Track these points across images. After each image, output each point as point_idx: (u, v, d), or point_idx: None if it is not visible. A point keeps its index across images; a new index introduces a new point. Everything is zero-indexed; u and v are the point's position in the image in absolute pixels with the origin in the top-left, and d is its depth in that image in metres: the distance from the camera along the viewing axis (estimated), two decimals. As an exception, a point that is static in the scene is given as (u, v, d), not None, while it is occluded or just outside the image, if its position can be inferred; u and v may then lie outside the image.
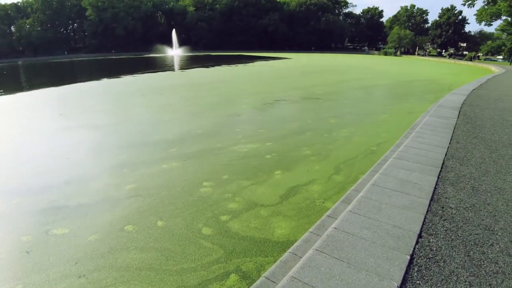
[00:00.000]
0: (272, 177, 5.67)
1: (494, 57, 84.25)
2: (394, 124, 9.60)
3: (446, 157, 5.07)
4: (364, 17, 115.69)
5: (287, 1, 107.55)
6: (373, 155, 6.70)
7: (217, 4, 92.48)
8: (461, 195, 3.80)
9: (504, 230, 3.14)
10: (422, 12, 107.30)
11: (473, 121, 7.96)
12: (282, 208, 4.61)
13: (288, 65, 38.66)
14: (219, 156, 6.78)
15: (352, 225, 3.05)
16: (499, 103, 11.09)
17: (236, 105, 12.75)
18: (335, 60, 51.08)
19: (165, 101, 13.54)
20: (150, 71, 29.32)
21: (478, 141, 6.18)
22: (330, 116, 10.70)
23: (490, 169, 4.69)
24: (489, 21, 58.51)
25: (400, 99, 14.88)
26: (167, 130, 9.01)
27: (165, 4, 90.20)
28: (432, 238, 2.95)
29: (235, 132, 8.69)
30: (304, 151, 7.11)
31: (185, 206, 4.64)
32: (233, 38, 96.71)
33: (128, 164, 6.37)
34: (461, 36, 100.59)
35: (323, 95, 15.35)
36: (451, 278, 2.47)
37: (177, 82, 21.55)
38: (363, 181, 4.45)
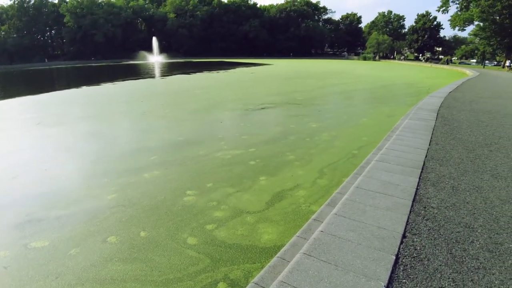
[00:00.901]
0: (257, 183, 5.66)
1: (468, 61, 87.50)
2: (375, 127, 9.80)
3: (426, 159, 5.20)
4: (343, 23, 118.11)
5: (268, 8, 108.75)
6: (355, 159, 6.81)
7: (197, 11, 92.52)
8: (442, 195, 3.90)
9: (483, 227, 3.24)
10: (399, 18, 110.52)
11: (451, 122, 8.22)
12: (268, 213, 4.60)
13: (269, 71, 38.93)
14: (202, 163, 6.71)
15: (338, 228, 3.08)
16: (474, 105, 11.49)
17: (218, 112, 12.72)
18: (315, 65, 51.79)
19: (145, 108, 13.37)
20: (131, 78, 28.95)
21: (456, 142, 6.37)
22: (312, 121, 10.81)
23: (468, 169, 4.84)
24: (462, 26, 60.90)
25: (379, 103, 15.20)
26: (148, 138, 8.89)
27: (145, 11, 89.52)
28: (415, 237, 3.01)
29: (218, 138, 8.65)
30: (287, 156, 7.14)
31: (169, 216, 4.57)
32: (214, 44, 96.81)
33: (108, 173, 6.23)
34: (437, 41, 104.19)
35: (304, 100, 15.52)
36: (435, 275, 2.52)
37: (158, 89, 21.35)
38: (347, 184, 4.51)
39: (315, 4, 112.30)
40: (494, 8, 52.85)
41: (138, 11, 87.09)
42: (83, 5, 75.32)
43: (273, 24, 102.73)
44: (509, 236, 3.10)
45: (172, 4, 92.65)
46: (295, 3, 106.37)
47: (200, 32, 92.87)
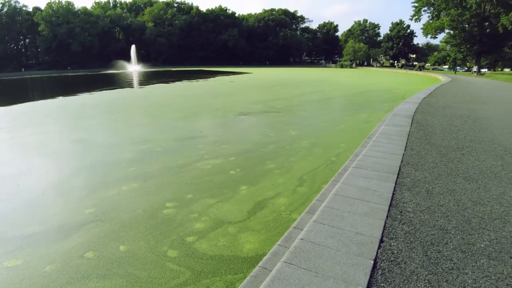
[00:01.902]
0: (238, 193, 5.66)
1: (441, 67, 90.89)
2: (352, 134, 10.01)
3: (402, 164, 5.35)
4: (320, 32, 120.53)
5: (246, 17, 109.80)
6: (334, 165, 6.93)
7: (176, 20, 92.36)
8: (417, 199, 4.02)
9: (457, 228, 3.35)
10: (374, 26, 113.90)
11: (425, 128, 8.49)
12: (250, 223, 4.61)
13: (248, 79, 39.15)
14: (182, 174, 6.65)
15: (318, 235, 3.12)
16: (447, 110, 11.92)
17: (197, 121, 12.68)
18: (293, 74, 52.46)
19: (123, 119, 13.17)
20: (109, 88, 28.50)
21: (430, 147, 6.59)
22: (291, 128, 10.94)
23: (442, 173, 5.01)
24: (434, 34, 63.33)
25: (357, 110, 15.54)
26: (126, 149, 8.75)
27: (123, 20, 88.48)
28: (393, 241, 3.08)
29: (198, 148, 8.61)
30: (268, 164, 7.19)
31: (148, 229, 4.50)
32: (193, 53, 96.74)
33: (85, 187, 6.09)
34: (411, 48, 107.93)
35: (283, 108, 15.69)
36: (412, 277, 2.59)
37: (136, 99, 21.08)
38: (326, 191, 4.58)
39: (293, 13, 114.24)
40: (463, 17, 55.38)
41: (116, 20, 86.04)
42: (58, 13, 73.73)
43: (252, 33, 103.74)
44: (480, 236, 3.22)
45: (150, 13, 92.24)
46: (273, 13, 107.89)
47: (179, 41, 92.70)
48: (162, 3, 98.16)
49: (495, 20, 53.98)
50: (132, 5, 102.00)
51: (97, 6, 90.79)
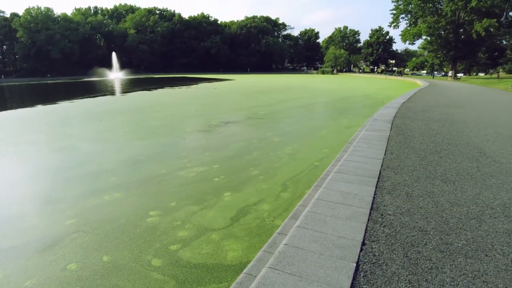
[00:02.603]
0: (221, 200, 5.66)
1: (419, 72, 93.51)
2: (334, 139, 10.17)
3: (382, 168, 5.47)
4: (302, 39, 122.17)
5: (228, 24, 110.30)
6: (317, 170, 7.02)
7: (158, 26, 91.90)
8: (397, 202, 4.12)
9: (435, 229, 3.45)
10: (354, 33, 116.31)
11: (404, 132, 8.71)
12: (234, 230, 4.61)
13: (231, 86, 39.23)
14: (165, 182, 6.60)
15: (301, 240, 3.16)
16: (425, 114, 12.25)
17: (180, 128, 12.61)
18: (276, 80, 52.90)
19: (104, 127, 12.97)
20: (89, 96, 28.01)
21: (409, 150, 6.76)
22: (274, 135, 11.02)
23: (421, 176, 5.15)
24: (412, 40, 65.24)
25: (338, 115, 15.80)
26: (108, 158, 8.62)
27: (104, 27, 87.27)
28: (374, 244, 3.15)
29: (181, 156, 8.55)
30: (251, 171, 7.22)
31: (132, 239, 4.44)
32: (176, 60, 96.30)
33: (66, 198, 5.96)
34: (390, 54, 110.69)
35: (266, 115, 15.79)
36: (393, 278, 2.66)
37: (118, 106, 20.80)
38: (309, 196, 4.64)
39: (275, 20, 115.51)
40: (439, 24, 57.37)
41: (97, 26, 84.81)
42: (37, 19, 72.13)
43: (234, 40, 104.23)
44: (457, 236, 3.32)
45: (132, 20, 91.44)
46: (255, 20, 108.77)
47: (161, 48, 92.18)
48: (144, 10, 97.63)
49: (469, 27, 56.18)
50: (113, 11, 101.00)
51: (78, 13, 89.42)
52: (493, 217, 3.75)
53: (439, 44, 60.86)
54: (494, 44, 65.74)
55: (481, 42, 58.30)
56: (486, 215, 3.81)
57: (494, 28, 51.90)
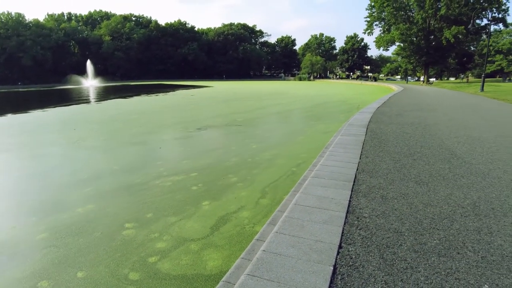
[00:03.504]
0: (200, 209, 5.59)
1: (394, 77, 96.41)
2: (312, 144, 10.29)
3: (357, 171, 5.57)
4: (279, 46, 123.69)
5: (206, 31, 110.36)
6: (295, 175, 7.07)
7: (134, 33, 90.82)
8: (372, 205, 4.19)
9: (410, 230, 3.53)
10: (330, 39, 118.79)
11: (379, 136, 8.90)
12: (213, 239, 4.56)
13: (209, 93, 39.13)
14: (141, 193, 6.46)
15: (279, 245, 3.16)
16: (399, 118, 12.58)
17: (156, 136, 12.44)
18: (254, 87, 53.17)
19: (78, 136, 12.61)
20: (63, 104, 27.23)
21: (384, 154, 6.91)
22: (252, 141, 11.04)
23: (395, 178, 5.27)
24: (386, 46, 67.41)
25: (315, 121, 16.02)
26: (81, 169, 8.35)
27: (78, 33, 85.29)
28: (350, 247, 3.19)
29: (157, 165, 8.40)
30: (230, 178, 7.18)
31: (108, 252, 4.30)
32: (152, 67, 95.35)
33: (37, 211, 5.72)
34: (365, 60, 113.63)
35: (244, 121, 15.82)
36: (370, 280, 2.69)
37: (92, 115, 20.31)
38: (286, 201, 4.66)
39: (252, 27, 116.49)
40: (411, 31, 59.58)
41: (71, 33, 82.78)
42: (7, 25, 69.68)
43: (212, 47, 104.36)
44: (431, 236, 3.41)
45: (107, 27, 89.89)
46: (232, 27, 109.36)
47: (138, 55, 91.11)
48: (120, 16, 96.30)
49: (439, 34, 58.63)
50: (88, 18, 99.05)
51: (50, 19, 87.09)
52: (464, 216, 3.87)
53: (412, 50, 63.19)
54: (463, 50, 68.94)
55: (451, 48, 61.01)
56: (458, 214, 3.93)
57: (462, 35, 54.50)
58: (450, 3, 54.39)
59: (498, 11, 56.74)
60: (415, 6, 59.15)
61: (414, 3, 58.32)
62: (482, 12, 56.69)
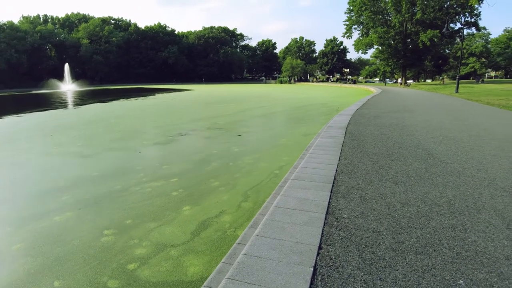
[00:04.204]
0: (180, 214, 5.53)
1: (372, 79, 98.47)
2: (293, 147, 10.37)
3: (337, 173, 5.63)
4: (260, 49, 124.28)
5: (186, 34, 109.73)
6: (277, 178, 7.10)
7: (113, 37, 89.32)
8: (351, 205, 4.25)
9: (388, 229, 3.59)
10: (310, 43, 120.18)
11: (358, 137, 9.04)
12: (194, 244, 4.52)
13: (190, 96, 38.89)
14: (120, 199, 6.34)
15: (260, 248, 3.16)
16: (378, 120, 12.82)
17: (136, 141, 12.24)
18: (235, 90, 53.21)
19: (55, 142, 12.28)
20: (40, 109, 26.43)
21: (362, 155, 7.02)
22: (234, 145, 11.03)
23: (374, 179, 5.36)
24: (364, 49, 68.81)
25: (296, 123, 16.17)
26: (58, 175, 8.14)
27: (55, 36, 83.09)
28: (330, 247, 3.22)
29: (136, 171, 8.26)
30: (211, 182, 7.14)
31: (86, 261, 4.20)
32: (132, 71, 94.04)
33: (12, 220, 5.54)
34: (344, 63, 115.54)
35: (225, 124, 15.79)
36: (349, 280, 2.72)
37: (70, 120, 19.82)
38: (267, 204, 4.67)
39: (232, 31, 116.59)
40: (388, 34, 61.12)
41: (47, 36, 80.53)
42: (-21, 27, 67.41)
43: (192, 50, 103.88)
44: (408, 234, 3.48)
45: (85, 30, 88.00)
46: (213, 30, 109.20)
47: (117, 59, 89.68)
48: (98, 19, 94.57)
49: (415, 37, 60.38)
50: (65, 20, 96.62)
51: (25, 21, 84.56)
52: (440, 214, 3.97)
53: (390, 53, 64.78)
54: (438, 53, 71.21)
55: (427, 51, 62.96)
56: (434, 212, 4.02)
57: (438, 38, 56.38)
58: (425, 8, 56.16)
59: (471, 16, 59.06)
60: (392, 10, 60.67)
61: (391, 7, 59.82)
62: (455, 17, 58.92)
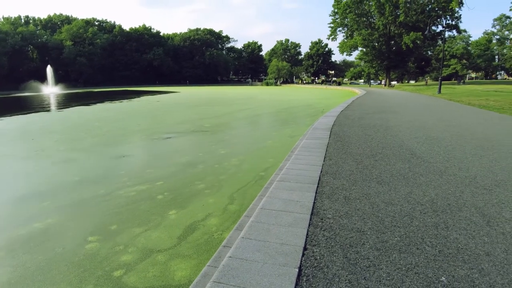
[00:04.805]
0: (166, 219, 5.46)
1: (357, 81, 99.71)
2: (279, 148, 10.40)
3: (321, 174, 5.67)
4: (246, 51, 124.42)
5: (171, 36, 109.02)
6: (262, 180, 7.10)
7: (97, 38, 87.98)
8: (336, 206, 4.28)
9: (372, 229, 3.63)
10: (295, 45, 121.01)
11: (342, 138, 9.13)
12: (181, 249, 4.47)
13: (175, 98, 38.65)
14: (104, 204, 6.21)
15: (245, 251, 3.15)
16: (362, 121, 12.97)
17: (120, 145, 12.07)
18: (221, 92, 53.11)
19: (37, 146, 11.98)
20: (21, 112, 25.80)
21: (347, 156, 7.09)
22: (220, 147, 10.99)
23: (358, 179, 5.41)
24: (349, 51, 69.80)
25: (282, 125, 16.23)
26: (40, 181, 7.95)
27: (37, 38, 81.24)
28: (315, 248, 3.23)
29: (120, 175, 8.13)
30: (197, 185, 7.09)
31: (70, 269, 4.09)
32: (117, 73, 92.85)
33: (-11, 228, 5.38)
34: (329, 65, 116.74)
35: (211, 127, 15.74)
36: (334, 280, 2.74)
37: (52, 124, 19.42)
38: (253, 206, 4.67)
39: (218, 33, 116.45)
40: (372, 37, 62.18)
41: (29, 37, 78.64)
42: (-42, 28, 65.36)
43: (178, 52, 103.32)
44: (392, 233, 3.52)
45: (68, 31, 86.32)
46: (198, 32, 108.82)
47: (101, 61, 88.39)
48: (82, 21, 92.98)
49: (399, 39, 61.61)
50: (47, 22, 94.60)
51: (6, 22, 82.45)
52: (423, 213, 4.03)
53: (374, 55, 65.87)
54: (421, 55, 72.83)
55: (410, 53, 64.30)
56: (417, 211, 4.09)
57: (420, 40, 57.74)
58: (408, 11, 57.38)
59: (452, 19, 60.70)
60: (376, 13, 61.75)
61: (375, 10, 60.87)
62: (437, 19, 60.38)
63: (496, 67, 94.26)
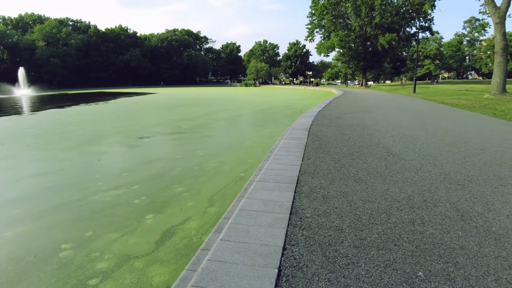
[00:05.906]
0: (143, 223, 5.33)
1: (334, 82, 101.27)
2: (258, 149, 10.39)
3: (300, 173, 5.69)
4: (224, 52, 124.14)
5: (148, 37, 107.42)
6: (242, 181, 7.07)
7: (71, 39, 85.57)
8: (314, 204, 4.30)
9: (350, 227, 3.66)
10: (274, 46, 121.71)
11: (320, 138, 9.21)
12: (159, 254, 4.37)
13: (152, 100, 38.07)
14: (78, 210, 6.00)
15: (224, 253, 3.11)
16: (339, 120, 13.14)
17: (94, 148, 11.74)
18: (200, 93, 52.75)
19: (6, 152, 11.49)
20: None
21: (324, 155, 7.15)
22: (198, 149, 10.88)
23: (336, 177, 5.46)
24: (326, 52, 70.79)
25: (261, 126, 16.24)
26: (9, 187, 7.61)
27: (7, 38, 78.19)
28: (294, 248, 3.23)
29: (95, 179, 7.89)
30: (175, 188, 6.98)
31: (42, 279, 3.91)
32: (92, 74, 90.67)
33: (-44, 239, 5.10)
34: (307, 66, 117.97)
35: (189, 128, 15.57)
36: (314, 279, 2.74)
37: (24, 127, 18.65)
38: (232, 207, 4.63)
39: (196, 33, 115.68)
40: (349, 38, 63.39)
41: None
42: None
43: (155, 53, 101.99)
44: (370, 231, 3.56)
45: (41, 31, 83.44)
46: (176, 33, 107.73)
47: (76, 62, 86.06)
48: (55, 20, 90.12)
49: (375, 40, 63.13)
50: (18, 21, 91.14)
51: (-27, 20, 79.08)
52: (400, 210, 4.10)
53: (350, 56, 67.17)
54: (396, 55, 74.76)
55: (385, 54, 65.95)
56: (394, 208, 4.15)
57: (395, 41, 59.31)
58: (383, 13, 58.80)
59: (425, 21, 62.72)
60: (353, 14, 62.95)
61: (352, 11, 62.05)
62: (411, 21, 62.30)
63: (467, 67, 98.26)
